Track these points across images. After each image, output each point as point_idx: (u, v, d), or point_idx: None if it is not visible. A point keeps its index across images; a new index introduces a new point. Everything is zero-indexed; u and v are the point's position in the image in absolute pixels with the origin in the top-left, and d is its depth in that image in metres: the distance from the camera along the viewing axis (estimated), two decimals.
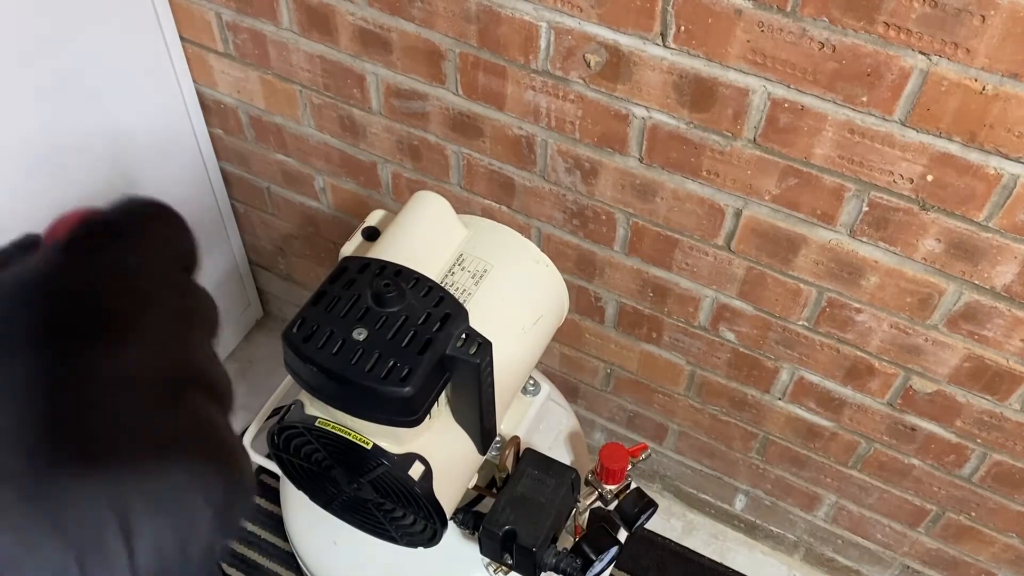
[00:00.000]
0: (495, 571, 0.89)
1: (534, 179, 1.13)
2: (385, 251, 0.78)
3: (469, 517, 0.87)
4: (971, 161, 0.83)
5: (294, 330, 0.67)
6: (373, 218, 0.87)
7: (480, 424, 0.76)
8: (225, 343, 1.74)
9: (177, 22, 1.25)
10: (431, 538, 0.79)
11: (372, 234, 0.84)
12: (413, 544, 0.82)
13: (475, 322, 0.69)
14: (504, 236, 0.85)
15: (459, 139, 1.15)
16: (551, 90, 1.01)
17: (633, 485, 0.92)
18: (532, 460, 0.85)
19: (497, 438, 0.87)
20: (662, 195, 1.04)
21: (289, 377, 0.72)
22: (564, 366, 1.42)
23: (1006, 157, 0.81)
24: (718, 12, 0.84)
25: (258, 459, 0.88)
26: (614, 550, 0.82)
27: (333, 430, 0.72)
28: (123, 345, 0.43)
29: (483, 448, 0.81)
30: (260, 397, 0.97)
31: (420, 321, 0.67)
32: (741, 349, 1.18)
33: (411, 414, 0.67)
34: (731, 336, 1.17)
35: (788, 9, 0.81)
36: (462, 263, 0.80)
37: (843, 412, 1.17)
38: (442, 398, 0.72)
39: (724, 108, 0.92)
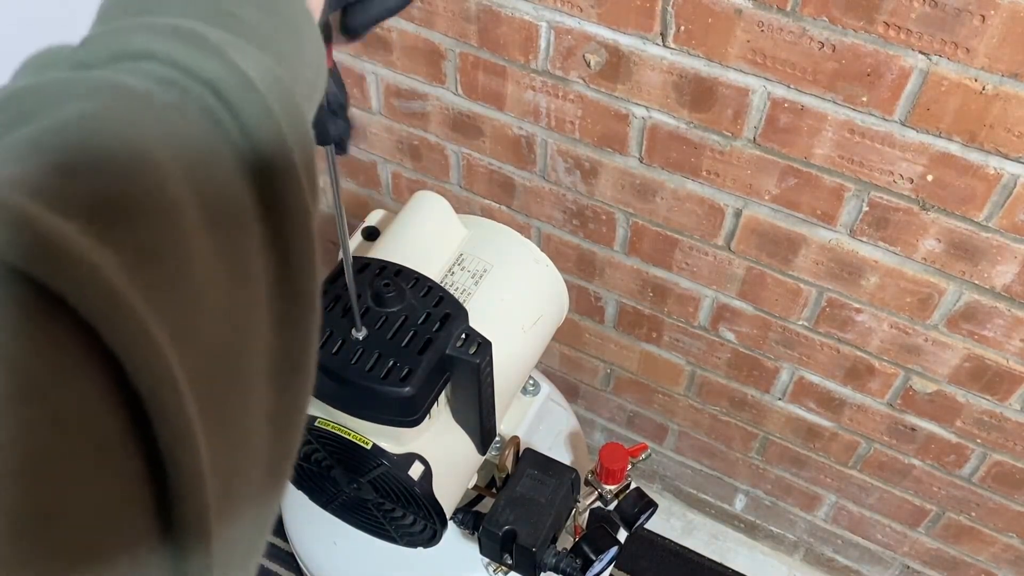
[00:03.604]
0: (495, 571, 0.89)
1: (534, 179, 1.13)
2: (385, 251, 0.78)
3: (469, 517, 0.87)
4: (971, 161, 0.83)
5: None
6: (373, 218, 0.87)
7: (480, 424, 0.76)
8: None
9: None
10: (431, 538, 0.79)
11: (372, 234, 0.84)
12: (413, 544, 0.82)
13: (475, 322, 0.69)
14: (504, 236, 0.85)
15: (459, 139, 1.15)
16: (551, 90, 1.01)
17: (633, 485, 0.92)
18: (532, 460, 0.85)
19: (497, 438, 0.87)
20: (662, 195, 1.04)
21: None
22: (564, 366, 1.41)
23: (1006, 157, 0.81)
24: (718, 12, 0.84)
25: None
26: (614, 550, 0.82)
27: (333, 430, 0.72)
28: None
29: (483, 448, 0.81)
30: None
31: (420, 321, 0.67)
32: (741, 349, 1.18)
33: (411, 414, 0.67)
34: (731, 336, 1.17)
35: (788, 9, 0.81)
36: (462, 263, 0.80)
37: (843, 412, 1.17)
38: (442, 398, 0.72)
39: (724, 108, 0.92)
